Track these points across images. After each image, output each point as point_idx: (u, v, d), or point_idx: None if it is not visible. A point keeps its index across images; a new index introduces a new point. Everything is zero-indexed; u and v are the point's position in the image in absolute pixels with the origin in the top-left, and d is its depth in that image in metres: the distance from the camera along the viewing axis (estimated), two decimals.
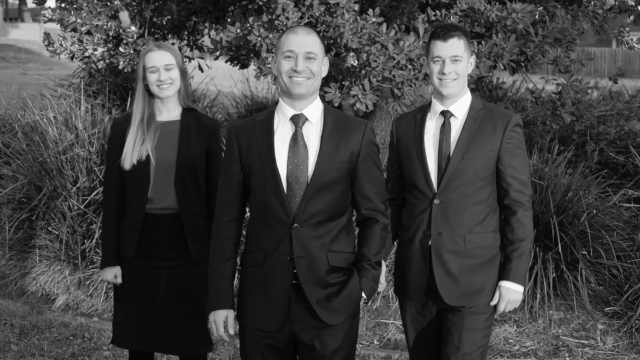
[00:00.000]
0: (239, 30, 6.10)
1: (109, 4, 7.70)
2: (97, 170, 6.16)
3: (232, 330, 3.23)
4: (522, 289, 3.48)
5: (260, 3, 6.10)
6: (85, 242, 6.08)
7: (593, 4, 6.85)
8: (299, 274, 3.12)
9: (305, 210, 3.11)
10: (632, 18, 7.62)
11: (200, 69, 7.94)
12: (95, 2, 7.32)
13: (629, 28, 7.51)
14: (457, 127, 3.49)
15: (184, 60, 3.97)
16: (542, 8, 6.58)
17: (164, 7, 7.72)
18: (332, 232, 3.16)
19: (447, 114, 3.50)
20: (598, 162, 7.58)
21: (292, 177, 3.13)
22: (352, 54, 5.92)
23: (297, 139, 3.16)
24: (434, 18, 6.19)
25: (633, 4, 7.31)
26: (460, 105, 3.52)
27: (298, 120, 3.17)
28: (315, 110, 3.21)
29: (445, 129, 3.49)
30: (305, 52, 3.13)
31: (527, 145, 3.57)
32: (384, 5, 6.56)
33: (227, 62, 6.95)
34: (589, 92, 6.91)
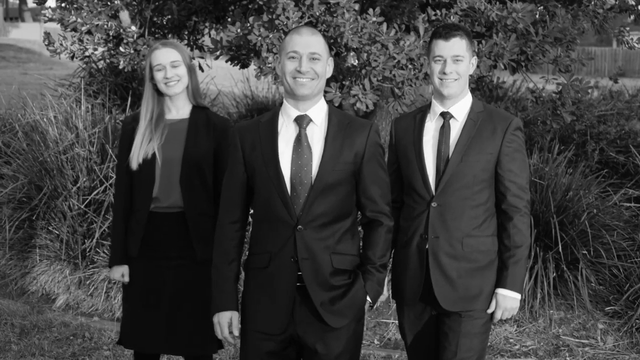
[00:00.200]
0: (239, 30, 6.10)
1: (109, 4, 7.70)
2: (97, 170, 6.15)
3: (236, 332, 3.19)
4: (519, 297, 3.41)
5: (261, 3, 6.10)
6: (86, 241, 6.08)
7: (593, 4, 6.84)
8: (304, 276, 3.10)
9: (309, 212, 3.09)
10: (632, 17, 7.62)
11: (201, 69, 7.93)
12: (96, 1, 7.32)
13: (630, 28, 7.49)
14: (456, 129, 3.43)
15: (191, 58, 3.91)
16: (542, 7, 6.58)
17: (164, 6, 7.73)
18: (336, 234, 3.13)
19: (447, 116, 3.45)
20: (598, 161, 7.57)
21: (295, 178, 3.10)
22: (352, 54, 5.93)
23: (301, 140, 3.13)
24: (434, 18, 6.18)
25: (633, 4, 7.30)
26: (461, 107, 3.46)
27: (302, 121, 3.15)
28: (320, 111, 3.18)
29: (445, 131, 3.43)
30: (310, 52, 3.10)
31: (527, 145, 3.54)
32: (384, 5, 6.56)
33: (227, 61, 6.95)
34: (590, 91, 6.91)
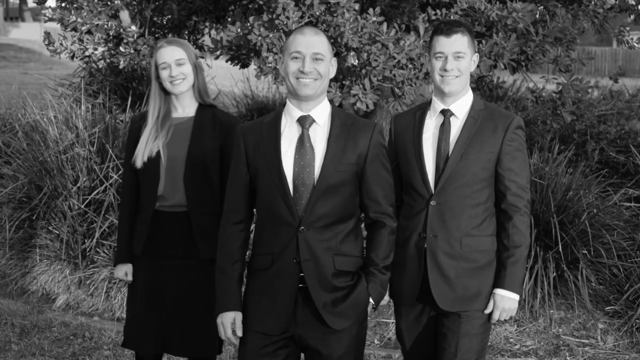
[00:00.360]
0: (240, 30, 6.11)
1: (110, 4, 7.70)
2: (97, 170, 6.15)
3: (239, 332, 3.16)
4: (517, 297, 3.34)
5: (261, 2, 6.11)
6: (86, 241, 6.08)
7: (593, 4, 6.85)
8: (306, 277, 3.08)
9: (312, 213, 3.07)
10: (632, 17, 7.63)
11: None
12: (96, 1, 7.33)
13: (630, 27, 7.51)
14: (457, 126, 3.38)
15: (197, 56, 3.88)
16: (542, 7, 6.59)
17: (165, 6, 7.73)
18: (339, 235, 3.11)
19: (447, 113, 3.39)
20: (598, 161, 7.57)
21: (298, 179, 3.08)
22: (352, 54, 5.94)
23: (303, 141, 3.11)
24: (435, 17, 6.19)
25: (633, 3, 7.31)
26: (461, 105, 3.40)
27: (305, 122, 3.13)
28: (323, 112, 3.16)
29: (445, 129, 3.37)
30: (313, 53, 3.08)
31: (527, 145, 3.49)
32: (385, 5, 6.57)
33: (227, 61, 6.95)
34: (590, 91, 6.93)
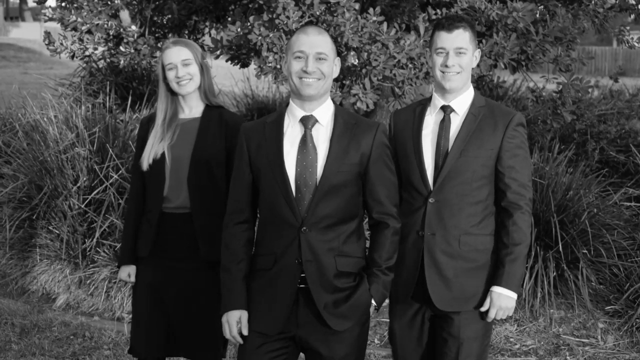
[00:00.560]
0: (240, 29, 6.11)
1: (110, 3, 7.71)
2: (97, 170, 6.15)
3: (245, 331, 3.13)
4: (515, 296, 3.27)
5: (261, 2, 6.11)
6: (86, 241, 6.08)
7: (594, 3, 6.85)
8: (308, 278, 3.07)
9: (314, 214, 3.05)
10: (632, 17, 7.63)
11: None
12: (96, 1, 7.34)
13: (630, 27, 7.51)
14: (456, 123, 3.33)
15: (204, 56, 3.86)
16: (542, 7, 6.58)
17: (165, 6, 7.74)
18: (341, 236, 3.10)
19: (447, 109, 3.34)
20: (599, 161, 7.57)
21: (300, 179, 3.07)
22: (352, 53, 5.94)
23: (306, 141, 3.10)
24: (435, 17, 6.19)
25: (634, 3, 7.32)
26: (462, 101, 3.35)
27: (307, 122, 3.11)
28: (326, 112, 3.15)
29: (445, 125, 3.32)
30: (316, 52, 3.07)
31: (527, 144, 3.47)
32: (385, 4, 6.57)
33: (227, 61, 6.95)
34: (590, 91, 6.93)
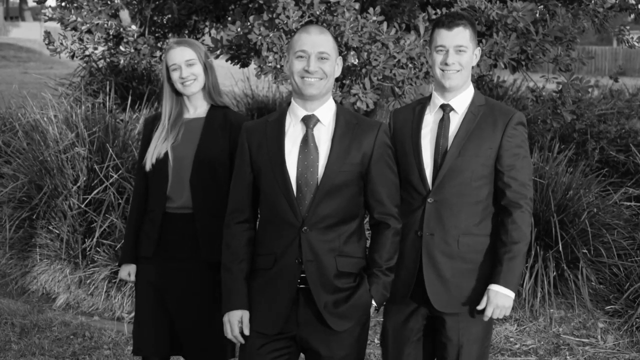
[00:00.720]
0: (240, 29, 6.11)
1: (110, 3, 7.71)
2: (97, 169, 6.15)
3: (247, 331, 3.11)
4: (512, 295, 3.21)
5: (261, 2, 6.12)
6: (86, 241, 6.07)
7: (593, 3, 6.85)
8: (308, 278, 3.06)
9: (315, 213, 3.04)
10: (632, 16, 7.63)
11: None
12: (96, 1, 7.34)
13: (630, 26, 7.51)
14: (456, 122, 3.29)
15: (208, 55, 3.85)
16: (542, 7, 6.58)
17: (165, 5, 7.74)
18: (342, 236, 3.09)
19: (446, 108, 3.30)
20: (599, 160, 7.57)
21: (301, 179, 3.06)
22: (352, 53, 5.93)
23: (307, 141, 3.09)
24: (435, 17, 6.19)
25: (633, 2, 7.32)
26: (462, 100, 3.31)
27: (309, 122, 3.11)
28: (328, 111, 3.14)
29: (444, 124, 3.29)
30: (318, 52, 3.06)
31: (528, 143, 3.46)
32: (385, 4, 6.57)
33: (227, 60, 6.95)
34: (590, 90, 6.92)
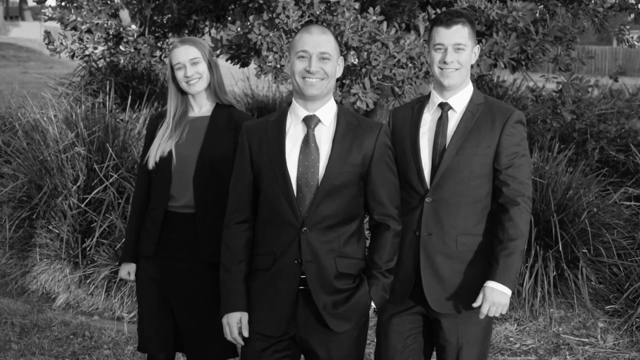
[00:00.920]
0: (240, 29, 6.11)
1: (110, 3, 7.72)
2: (97, 169, 6.15)
3: (246, 333, 3.11)
4: (509, 292, 3.16)
5: (261, 1, 6.12)
6: (86, 240, 6.07)
7: (593, 2, 6.85)
8: (308, 279, 3.05)
9: (315, 214, 3.04)
10: (632, 16, 7.63)
11: None
12: (96, 0, 7.34)
13: (630, 26, 7.51)
14: (454, 120, 3.27)
15: (212, 53, 3.83)
16: (542, 6, 6.59)
17: (165, 5, 7.74)
18: (342, 237, 3.08)
19: (445, 107, 3.28)
20: (598, 160, 7.58)
21: (302, 179, 3.05)
22: (352, 53, 5.93)
23: (308, 141, 3.08)
24: (435, 16, 6.19)
25: (633, 2, 7.32)
26: (460, 98, 3.29)
27: (310, 122, 3.10)
28: (329, 112, 3.14)
29: (442, 122, 3.26)
30: (319, 52, 3.05)
31: (527, 142, 3.45)
32: (385, 4, 6.57)
33: (227, 60, 6.95)
34: (590, 90, 6.92)
